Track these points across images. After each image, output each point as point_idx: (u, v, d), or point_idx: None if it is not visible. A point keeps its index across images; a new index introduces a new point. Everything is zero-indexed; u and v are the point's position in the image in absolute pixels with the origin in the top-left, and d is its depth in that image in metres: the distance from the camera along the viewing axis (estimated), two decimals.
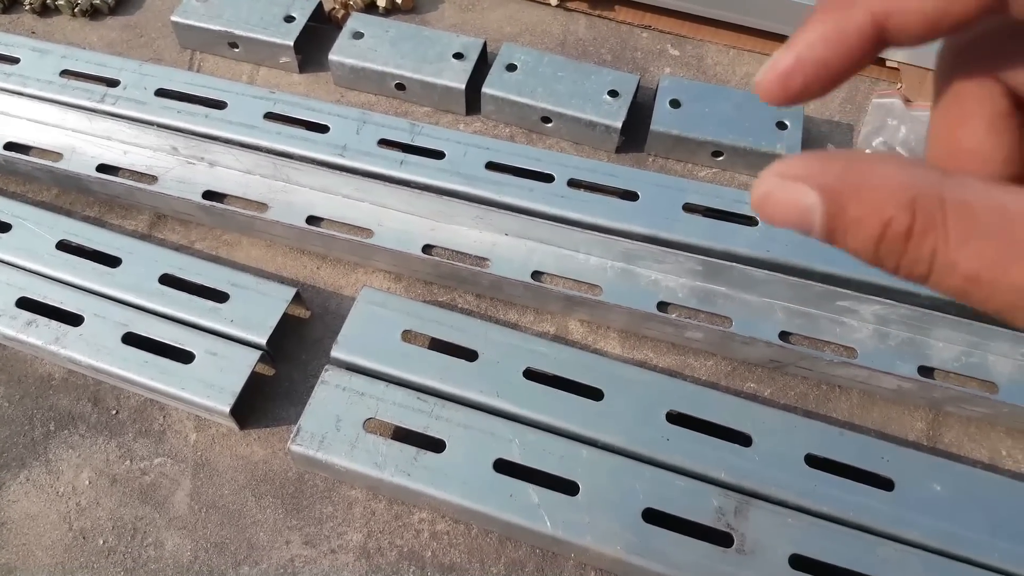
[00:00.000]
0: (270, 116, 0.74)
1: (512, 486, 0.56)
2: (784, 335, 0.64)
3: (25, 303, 0.65)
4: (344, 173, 0.69)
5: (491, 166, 0.71)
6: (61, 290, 0.66)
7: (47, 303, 0.65)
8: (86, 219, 0.73)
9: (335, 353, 0.62)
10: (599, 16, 0.86)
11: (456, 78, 0.76)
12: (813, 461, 0.57)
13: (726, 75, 0.82)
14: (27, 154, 0.75)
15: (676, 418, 0.59)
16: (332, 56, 0.78)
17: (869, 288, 0.63)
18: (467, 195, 0.69)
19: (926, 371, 0.62)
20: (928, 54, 0.78)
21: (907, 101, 0.77)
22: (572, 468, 0.57)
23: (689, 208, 0.68)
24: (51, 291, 0.65)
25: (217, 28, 0.80)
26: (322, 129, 0.73)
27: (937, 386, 0.60)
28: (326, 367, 0.61)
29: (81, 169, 0.73)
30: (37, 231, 0.69)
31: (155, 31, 0.85)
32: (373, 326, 0.63)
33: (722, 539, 0.54)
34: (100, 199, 0.74)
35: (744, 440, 0.58)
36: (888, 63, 0.80)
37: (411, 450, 0.58)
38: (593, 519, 0.55)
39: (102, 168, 0.74)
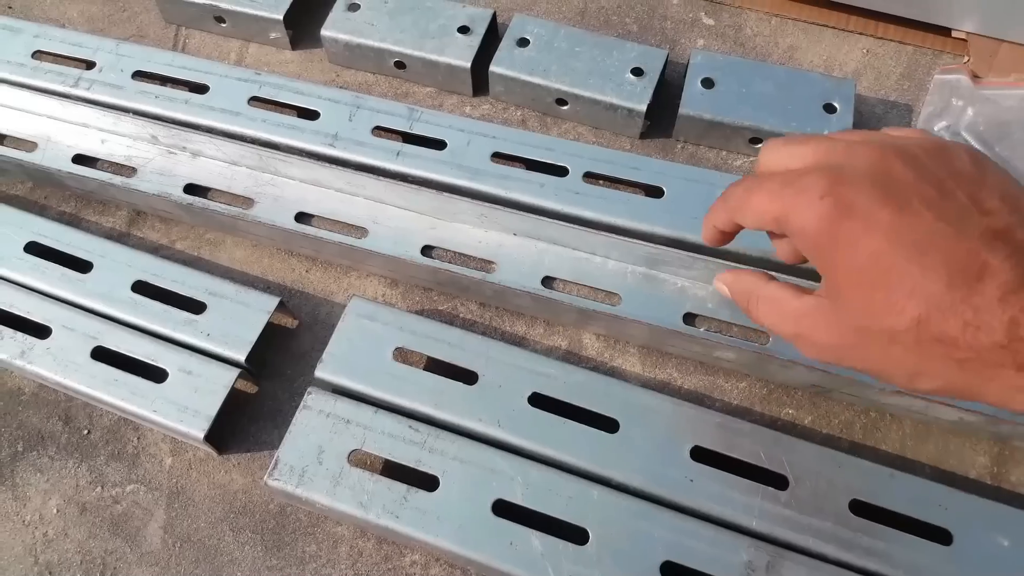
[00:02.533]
0: (255, 101, 0.67)
1: (513, 532, 0.50)
2: None
3: None
4: (336, 166, 0.62)
5: (497, 157, 0.63)
6: (27, 298, 0.60)
7: (14, 312, 0.60)
8: (61, 215, 0.68)
9: (319, 373, 0.55)
10: None
11: (461, 55, 0.68)
12: (859, 508, 0.50)
13: (767, 48, 0.73)
14: (1, 144, 0.69)
15: (702, 455, 0.52)
16: (324, 32, 0.70)
17: None
18: (470, 191, 0.62)
19: None
20: (1003, 22, 0.68)
21: (975, 77, 0.68)
22: (581, 512, 0.50)
23: None
24: (18, 299, 0.60)
25: (202, 1, 0.73)
26: (312, 115, 0.66)
27: (1004, 420, 0.52)
28: (309, 390, 0.55)
29: (56, 161, 0.67)
30: (4, 231, 0.63)
31: (138, 5, 0.78)
32: (362, 342, 0.56)
33: None
34: (76, 194, 0.68)
35: (780, 482, 0.51)
36: (954, 33, 0.70)
37: (400, 487, 0.51)
38: (604, 573, 0.48)
39: (78, 159, 0.67)
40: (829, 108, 0.64)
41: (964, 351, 0.31)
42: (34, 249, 0.63)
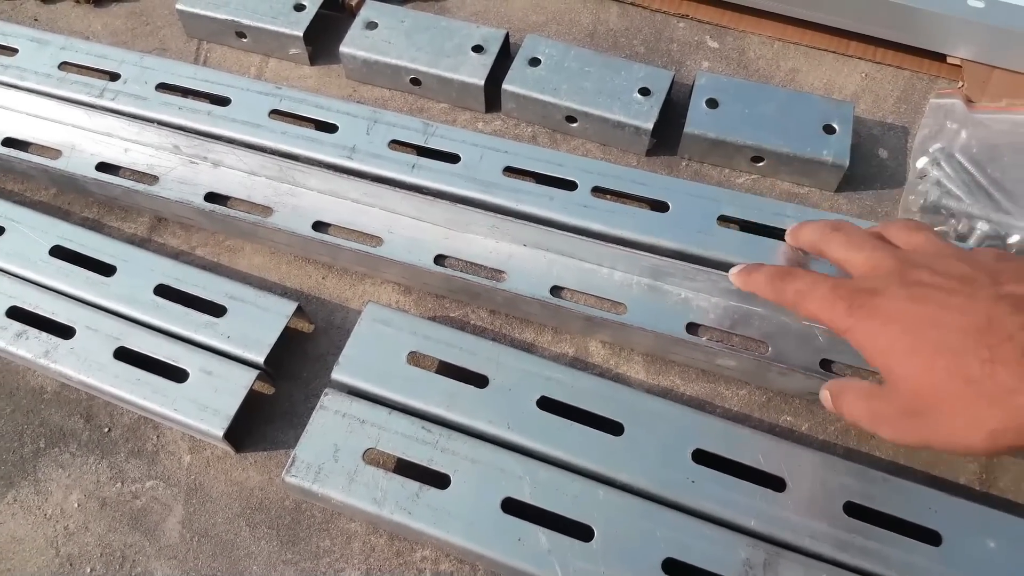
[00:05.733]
0: (276, 113, 0.69)
1: (521, 529, 0.52)
2: (825, 363, 0.58)
3: (16, 313, 0.62)
4: (352, 177, 0.65)
5: (509, 171, 0.66)
6: (53, 300, 0.62)
7: (39, 313, 0.62)
8: (84, 221, 0.70)
9: (336, 375, 0.58)
10: (632, 4, 0.80)
11: (475, 73, 0.71)
12: (853, 510, 0.52)
13: (770, 71, 0.76)
14: (25, 151, 0.71)
15: (703, 457, 0.54)
16: (343, 48, 0.73)
17: None
18: (483, 203, 0.64)
19: None
20: (996, 49, 0.70)
21: (969, 102, 0.70)
22: (587, 510, 0.52)
23: (725, 221, 0.62)
24: (43, 301, 0.62)
25: (224, 17, 0.75)
26: (330, 128, 0.68)
27: None
28: (326, 391, 0.57)
29: (80, 167, 0.69)
30: (31, 235, 0.65)
31: (161, 19, 0.81)
32: (377, 346, 0.58)
33: None
34: (99, 200, 0.71)
35: (777, 484, 0.53)
36: (949, 59, 0.73)
37: (413, 485, 0.53)
38: (608, 569, 0.50)
39: (102, 167, 0.70)
40: (828, 129, 0.67)
41: (990, 385, 0.37)
42: (59, 253, 0.65)
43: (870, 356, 0.42)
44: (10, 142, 0.72)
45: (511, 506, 0.52)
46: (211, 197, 0.68)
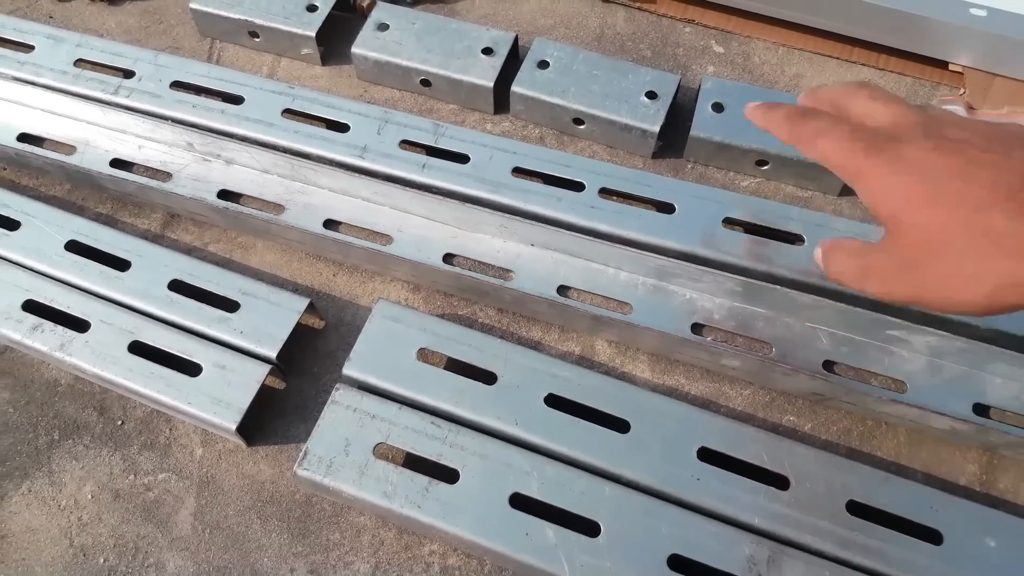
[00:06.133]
0: (288, 112, 0.70)
1: (528, 524, 0.53)
2: (828, 365, 0.59)
3: (32, 306, 0.63)
4: (363, 176, 0.66)
5: (518, 172, 0.67)
6: (68, 294, 0.63)
7: (54, 307, 0.63)
8: (98, 216, 0.71)
9: (347, 371, 0.58)
10: (639, 8, 0.81)
11: (484, 75, 0.72)
12: (855, 508, 0.53)
13: (774, 75, 0.77)
14: (40, 146, 0.72)
15: (708, 455, 0.55)
16: (355, 49, 0.74)
17: (923, 319, 0.58)
18: (491, 203, 0.65)
19: (981, 408, 0.57)
20: (997, 57, 0.71)
21: (970, 109, 0.71)
22: (594, 506, 0.53)
23: (730, 223, 0.63)
24: (58, 294, 0.63)
25: (237, 16, 0.76)
26: (342, 128, 0.69)
27: (994, 430, 0.55)
28: (337, 386, 0.58)
29: (94, 163, 0.70)
30: (46, 230, 0.66)
31: (174, 18, 0.82)
32: (388, 343, 0.59)
33: None
34: (113, 196, 0.72)
35: (781, 482, 0.54)
36: (951, 67, 0.74)
37: (423, 479, 0.54)
38: (615, 564, 0.51)
39: (116, 163, 0.71)
40: None
41: (1012, 239, 0.34)
42: (74, 247, 0.66)
43: (879, 202, 0.39)
44: (25, 137, 0.72)
45: (519, 501, 0.53)
46: (224, 194, 0.69)
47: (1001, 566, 0.51)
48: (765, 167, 0.69)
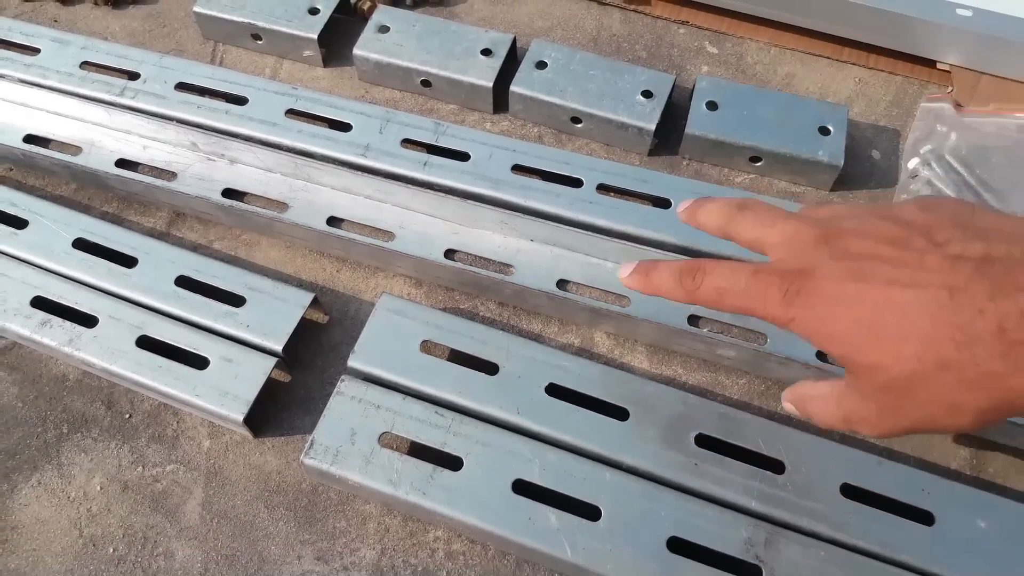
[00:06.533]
0: (292, 113, 0.72)
1: (531, 509, 0.54)
2: (821, 354, 0.61)
3: (40, 302, 0.64)
4: (366, 174, 0.67)
5: (517, 169, 0.68)
6: (76, 290, 0.64)
7: (62, 303, 0.64)
8: (104, 215, 0.72)
9: (352, 363, 0.60)
10: (634, 11, 0.83)
11: (484, 76, 0.73)
12: (849, 491, 0.54)
13: (767, 75, 0.79)
14: (46, 147, 0.73)
15: (705, 442, 0.56)
16: (356, 51, 0.75)
17: None
18: (492, 199, 0.67)
19: None
20: (983, 56, 0.73)
21: (958, 106, 0.73)
22: (595, 492, 0.54)
23: None
24: (66, 291, 0.64)
25: (240, 20, 0.78)
26: (344, 127, 0.71)
27: None
28: (342, 377, 0.59)
29: (100, 164, 0.71)
30: (54, 228, 0.67)
31: (178, 21, 0.83)
32: (391, 335, 0.61)
33: (751, 572, 0.52)
34: (119, 195, 0.73)
35: (777, 467, 0.55)
36: (939, 66, 0.76)
37: (427, 467, 0.55)
38: (615, 547, 0.52)
39: (121, 163, 0.72)
40: (824, 131, 0.69)
41: (971, 370, 0.32)
42: (81, 245, 0.67)
43: (823, 345, 0.37)
44: (31, 139, 0.74)
45: (521, 487, 0.55)
46: (228, 193, 0.70)
47: (991, 546, 0.52)
48: (758, 163, 0.71)
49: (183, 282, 0.64)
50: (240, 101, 0.72)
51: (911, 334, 0.33)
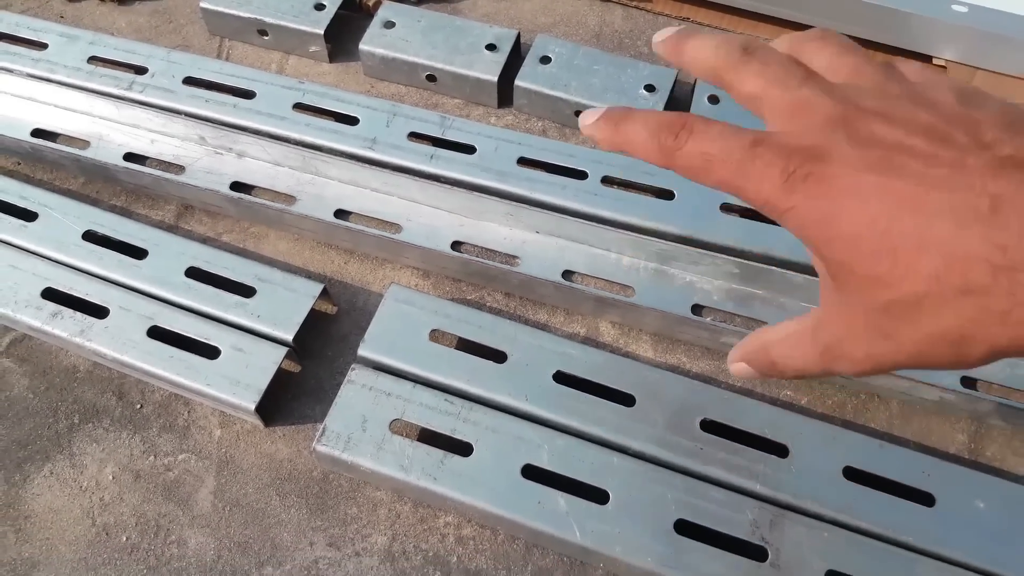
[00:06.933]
0: (299, 107, 0.73)
1: (540, 493, 0.55)
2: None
3: (51, 294, 0.64)
4: (373, 167, 0.68)
5: (523, 162, 0.69)
6: (87, 281, 0.65)
7: (73, 294, 0.64)
8: (112, 209, 0.72)
9: (362, 352, 0.61)
10: (636, 7, 0.84)
11: (488, 70, 0.74)
12: (851, 474, 0.55)
13: None
14: (54, 141, 0.74)
15: (710, 426, 0.57)
16: (363, 46, 0.76)
17: None
18: (498, 191, 0.68)
19: (969, 381, 0.60)
20: (978, 52, 0.75)
21: None
22: (602, 476, 0.55)
23: (727, 208, 0.66)
24: (77, 282, 0.65)
25: (246, 15, 0.79)
26: (351, 121, 0.71)
27: (981, 398, 0.58)
28: (353, 366, 0.60)
29: (108, 157, 0.72)
30: (63, 221, 0.68)
31: (184, 17, 0.84)
32: (401, 325, 0.61)
33: (756, 553, 0.53)
34: (127, 188, 0.74)
35: (781, 451, 0.56)
36: (935, 61, 0.77)
37: (438, 453, 0.56)
38: (623, 529, 0.53)
39: (129, 157, 0.73)
40: None
41: (1003, 300, 0.26)
42: (91, 237, 0.67)
43: (821, 247, 0.30)
44: (39, 133, 0.74)
45: (531, 472, 0.56)
46: (236, 187, 0.71)
47: (990, 526, 0.53)
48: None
49: (193, 273, 0.65)
50: (248, 95, 0.73)
51: (933, 246, 0.27)
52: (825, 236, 0.30)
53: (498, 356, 0.60)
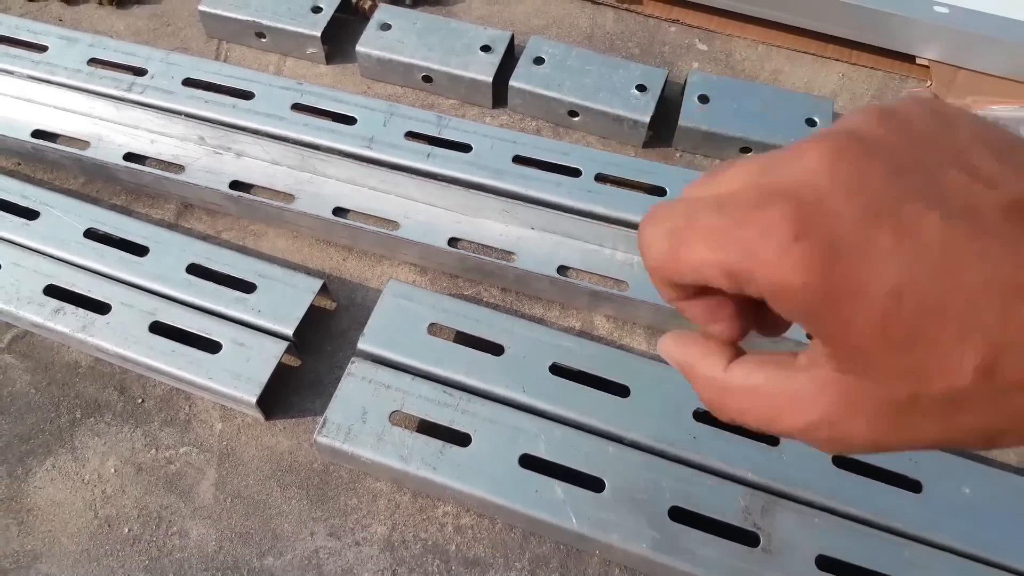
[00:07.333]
0: (297, 107, 0.74)
1: (538, 481, 0.56)
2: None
3: (53, 291, 0.65)
4: (371, 165, 0.69)
5: (518, 160, 0.70)
6: (89, 278, 0.66)
7: (75, 291, 0.65)
8: (113, 207, 0.73)
9: (362, 345, 0.62)
10: (627, 9, 0.86)
11: (483, 71, 0.76)
12: (841, 461, 0.57)
13: (755, 71, 0.82)
14: (55, 142, 0.75)
15: (703, 416, 0.58)
16: (359, 47, 0.78)
17: None
18: (494, 189, 0.69)
19: None
20: (960, 51, 0.77)
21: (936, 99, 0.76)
22: (598, 465, 0.57)
23: None
24: (79, 279, 0.66)
25: (244, 18, 0.80)
26: (349, 121, 0.73)
27: None
28: (352, 359, 0.61)
29: (108, 157, 0.73)
30: (65, 219, 0.69)
31: (182, 20, 0.85)
32: (399, 319, 0.63)
33: (749, 538, 0.54)
34: (127, 188, 0.74)
35: (772, 440, 0.57)
36: (918, 60, 0.79)
37: (437, 443, 0.57)
38: (619, 516, 0.55)
39: (129, 157, 0.74)
40: (810, 123, 0.72)
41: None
42: (93, 235, 0.68)
43: (814, 313, 0.24)
44: (39, 134, 0.75)
45: (528, 461, 0.57)
46: (235, 185, 0.72)
47: (976, 511, 0.55)
48: (748, 154, 0.73)
49: (194, 270, 0.66)
50: (247, 96, 0.74)
51: (979, 333, 0.22)
52: (831, 321, 0.24)
53: (495, 349, 0.61)
